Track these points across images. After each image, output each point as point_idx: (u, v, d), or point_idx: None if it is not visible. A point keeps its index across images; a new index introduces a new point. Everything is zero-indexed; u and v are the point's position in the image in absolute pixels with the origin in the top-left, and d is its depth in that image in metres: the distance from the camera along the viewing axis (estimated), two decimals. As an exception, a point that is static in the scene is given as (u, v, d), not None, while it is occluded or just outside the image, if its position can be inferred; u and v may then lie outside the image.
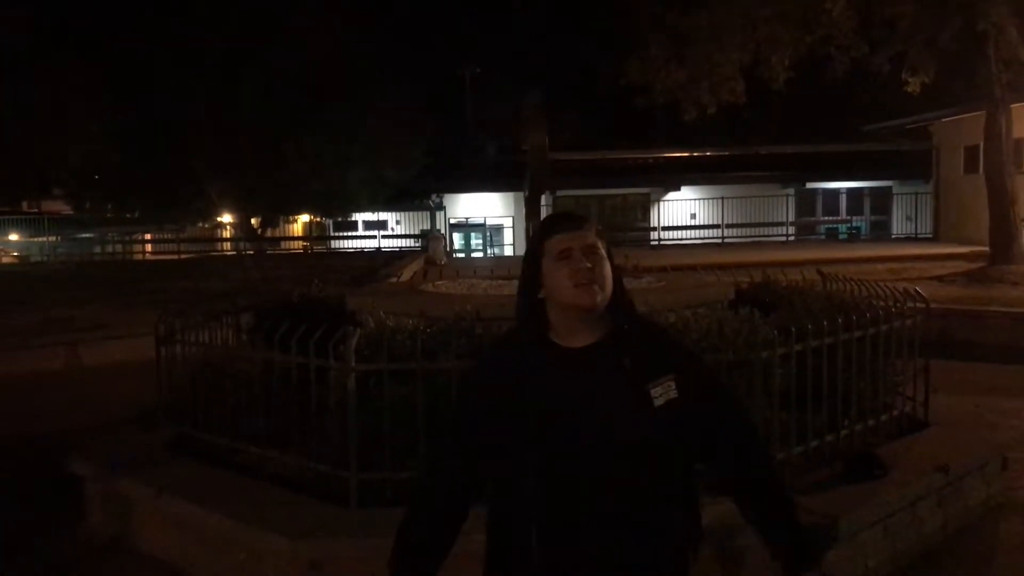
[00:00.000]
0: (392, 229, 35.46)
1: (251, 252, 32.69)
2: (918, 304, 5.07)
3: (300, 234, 37.68)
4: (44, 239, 32.80)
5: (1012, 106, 13.75)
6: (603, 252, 1.93)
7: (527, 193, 5.44)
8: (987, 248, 14.19)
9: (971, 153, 23.15)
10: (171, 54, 25.29)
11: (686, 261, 12.20)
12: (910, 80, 14.05)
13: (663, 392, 1.89)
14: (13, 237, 32.18)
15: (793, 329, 4.10)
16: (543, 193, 5.50)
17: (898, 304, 4.94)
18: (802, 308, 4.76)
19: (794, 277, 6.38)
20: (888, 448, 4.39)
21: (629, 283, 5.43)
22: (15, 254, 31.78)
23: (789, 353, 4.07)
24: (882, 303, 5.01)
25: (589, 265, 1.88)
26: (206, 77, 25.37)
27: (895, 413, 4.70)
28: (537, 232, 2.00)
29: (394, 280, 13.06)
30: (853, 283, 5.84)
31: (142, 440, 4.89)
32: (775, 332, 4.07)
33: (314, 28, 26.34)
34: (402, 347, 3.91)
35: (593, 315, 1.92)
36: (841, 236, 32.06)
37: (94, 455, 4.79)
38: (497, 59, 39.79)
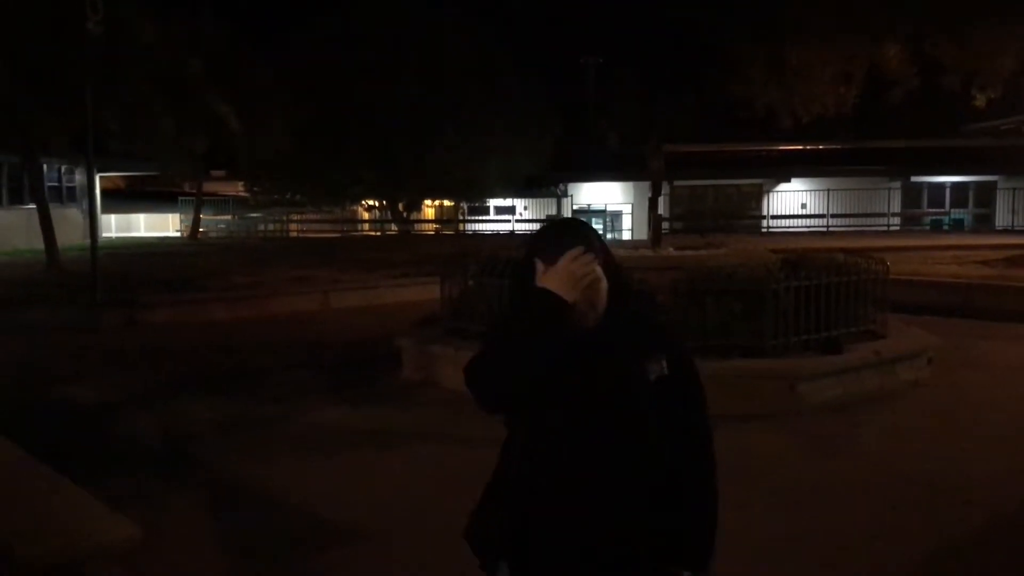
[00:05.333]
0: (520, 214, 38.54)
1: (395, 232, 37.15)
2: (880, 267, 8.50)
3: (432, 217, 41.56)
4: (228, 217, 38.09)
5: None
6: (597, 272, 2.05)
7: (650, 195, 9.11)
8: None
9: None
10: (337, 61, 29.53)
11: (755, 244, 15.46)
12: (978, 96, 16.93)
13: (657, 369, 2.10)
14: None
15: (793, 273, 7.64)
16: (659, 196, 9.10)
17: (867, 267, 8.38)
18: (811, 266, 8.23)
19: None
20: (851, 345, 7.86)
21: (707, 253, 9.09)
22: (201, 230, 36.63)
23: (789, 287, 7.59)
24: (862, 265, 8.45)
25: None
26: (367, 80, 29.61)
27: (861, 328, 8.15)
28: (531, 244, 2.16)
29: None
30: (862, 257, 9.23)
31: (430, 331, 8.81)
32: (783, 275, 7.60)
33: (454, 29, 30.29)
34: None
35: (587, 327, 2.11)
36: (945, 227, 34.03)
37: (407, 335, 8.74)
38: (619, 50, 42.32)
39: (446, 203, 40.13)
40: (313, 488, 5.49)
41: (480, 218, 39.41)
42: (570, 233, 2.10)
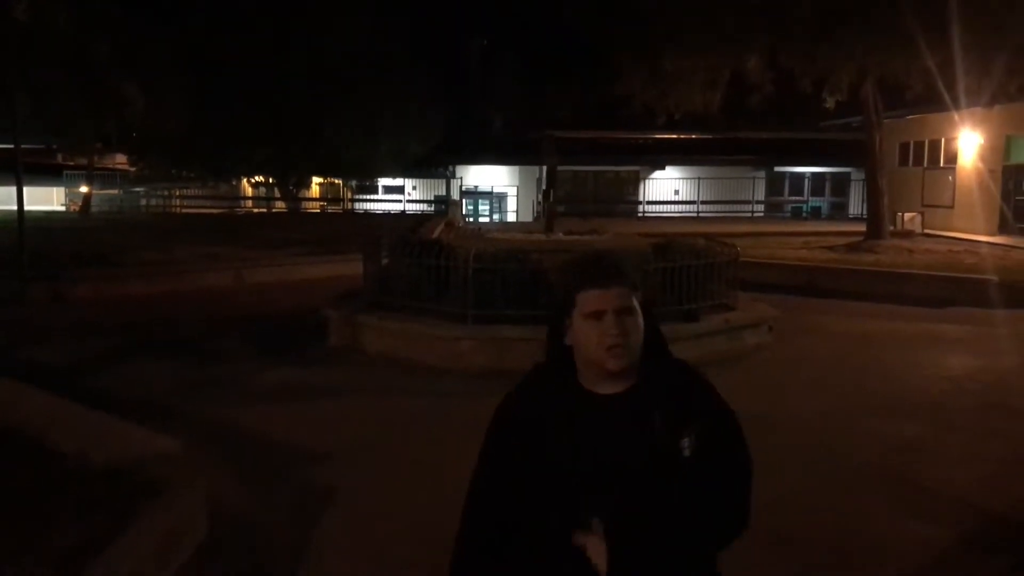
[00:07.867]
0: (408, 194, 39.80)
1: (283, 209, 37.69)
2: (732, 252, 10.26)
3: (318, 195, 42.11)
4: (116, 192, 37.77)
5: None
6: (637, 311, 1.89)
7: (544, 187, 10.61)
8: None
9: (903, 149, 28.42)
10: (231, 34, 29.82)
11: (637, 229, 17.26)
12: (827, 98, 19.11)
13: (690, 444, 1.86)
14: (83, 189, 36.30)
15: (662, 256, 9.30)
16: (553, 188, 10.59)
17: (722, 251, 10.12)
18: (676, 251, 9.89)
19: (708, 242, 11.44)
20: (706, 314, 9.58)
21: (593, 238, 10.76)
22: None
23: (658, 268, 9.23)
24: (717, 250, 10.18)
25: (621, 331, 1.85)
26: (260, 58, 30.07)
27: (715, 302, 9.88)
28: (569, 279, 1.93)
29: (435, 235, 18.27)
30: (718, 242, 10.99)
31: (354, 303, 10.08)
32: (653, 257, 9.24)
33: (348, 12, 31.02)
34: (490, 258, 9.07)
35: (620, 375, 1.90)
36: (804, 214, 37.06)
37: (333, 307, 10.00)
38: (505, 35, 43.38)
39: (334, 181, 40.73)
40: (282, 427, 6.76)
41: (368, 197, 40.27)
42: (605, 269, 1.93)
